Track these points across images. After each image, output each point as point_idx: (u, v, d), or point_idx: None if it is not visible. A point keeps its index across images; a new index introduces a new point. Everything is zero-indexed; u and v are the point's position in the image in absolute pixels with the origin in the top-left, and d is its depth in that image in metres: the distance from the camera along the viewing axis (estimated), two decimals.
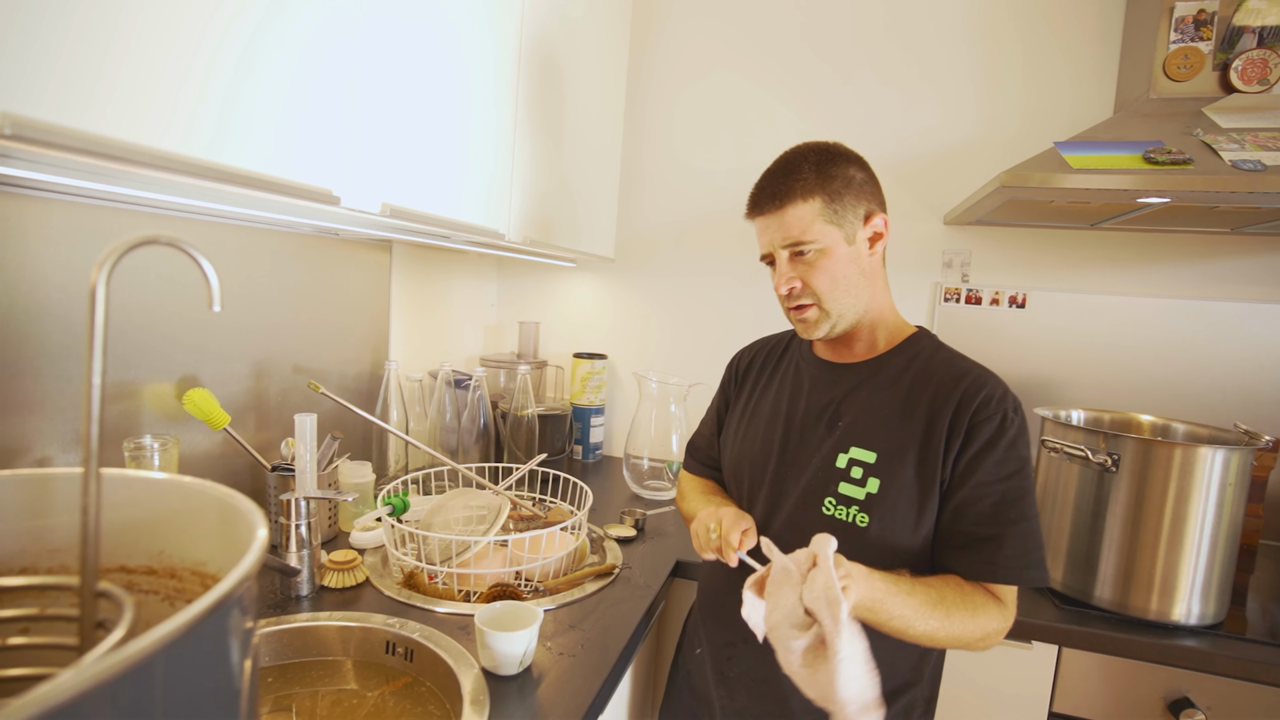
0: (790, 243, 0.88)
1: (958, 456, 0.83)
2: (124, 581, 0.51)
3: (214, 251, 1.14)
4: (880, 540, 0.85)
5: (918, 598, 0.78)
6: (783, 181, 0.88)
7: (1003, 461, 0.82)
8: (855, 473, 0.87)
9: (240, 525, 0.46)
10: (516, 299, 2.11)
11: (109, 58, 0.55)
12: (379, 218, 0.94)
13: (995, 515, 0.82)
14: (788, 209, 0.87)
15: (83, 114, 0.53)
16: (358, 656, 0.93)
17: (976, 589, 0.82)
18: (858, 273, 0.89)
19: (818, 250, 0.87)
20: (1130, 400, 1.63)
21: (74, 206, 0.92)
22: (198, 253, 0.44)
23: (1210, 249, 1.60)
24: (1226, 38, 1.35)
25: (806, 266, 0.88)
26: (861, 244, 0.90)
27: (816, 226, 0.86)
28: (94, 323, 0.40)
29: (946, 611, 0.78)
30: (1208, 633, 1.13)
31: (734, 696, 0.94)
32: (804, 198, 0.86)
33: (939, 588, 0.80)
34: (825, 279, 0.88)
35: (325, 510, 1.24)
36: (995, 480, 0.82)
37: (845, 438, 0.89)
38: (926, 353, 0.92)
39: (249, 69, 0.69)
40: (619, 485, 1.71)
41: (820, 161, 0.88)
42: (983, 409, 0.83)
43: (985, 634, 0.80)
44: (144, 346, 1.04)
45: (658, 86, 1.92)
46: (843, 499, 0.87)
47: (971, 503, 0.83)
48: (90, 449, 0.41)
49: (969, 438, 0.83)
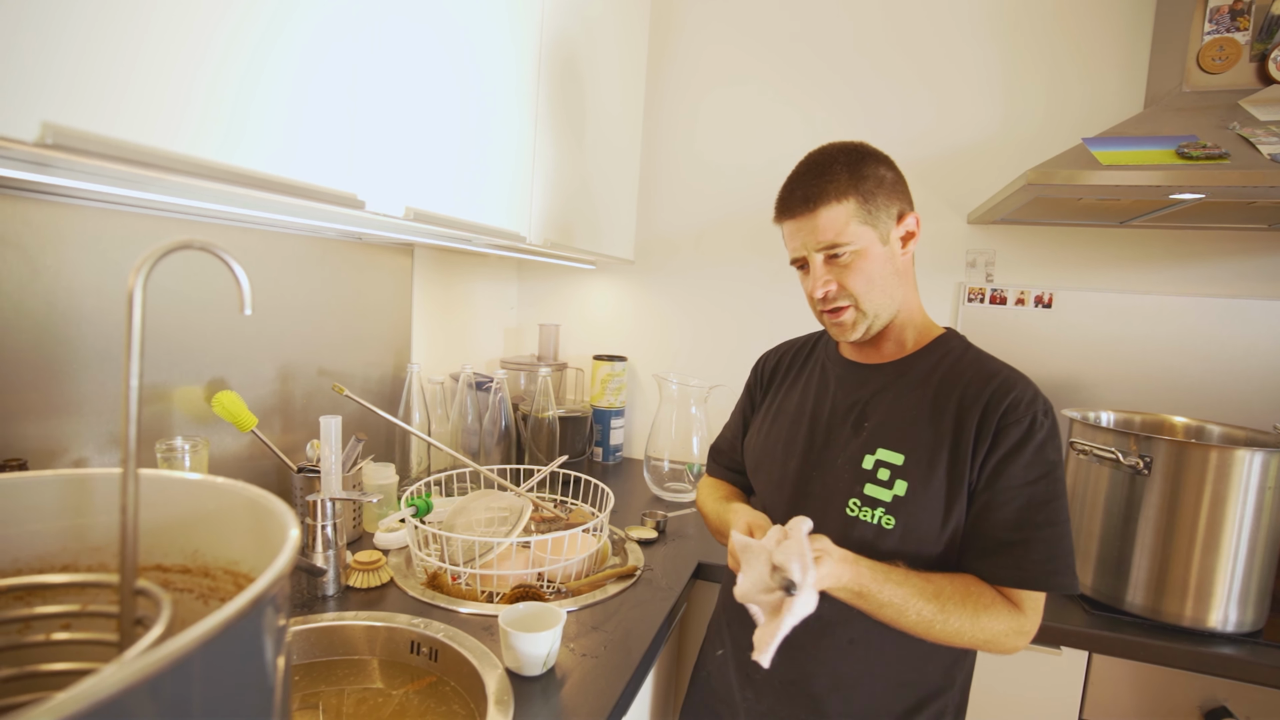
0: (825, 245, 0.86)
1: (985, 459, 0.82)
2: (160, 580, 0.52)
3: (239, 256, 1.14)
4: (905, 543, 0.84)
5: (909, 588, 0.78)
6: (814, 183, 0.86)
7: (1030, 464, 0.81)
8: (882, 474, 0.86)
9: (272, 525, 0.46)
10: (536, 301, 2.12)
11: (153, 67, 0.57)
12: (402, 221, 0.95)
13: (1022, 520, 0.80)
14: (820, 211, 0.85)
15: (126, 124, 0.55)
16: (383, 656, 0.94)
17: (986, 589, 0.81)
18: (892, 272, 0.88)
19: (854, 252, 0.86)
20: (1162, 402, 1.59)
21: (106, 213, 0.94)
22: (230, 257, 0.45)
23: (1246, 246, 1.56)
24: (1265, 27, 1.32)
25: (842, 269, 0.87)
26: (895, 244, 0.88)
27: (851, 228, 0.85)
28: (131, 326, 0.40)
29: (942, 605, 0.78)
30: (1246, 640, 1.10)
31: (760, 698, 0.94)
32: (838, 199, 0.85)
33: (938, 582, 0.80)
34: (862, 280, 0.87)
35: (350, 511, 1.25)
36: (1022, 484, 0.81)
37: (872, 439, 0.88)
38: (955, 354, 0.91)
39: (282, 80, 0.70)
40: (639, 487, 1.71)
41: (852, 162, 0.86)
42: (1011, 411, 0.82)
43: (991, 635, 0.79)
44: (173, 350, 1.06)
45: (676, 90, 1.92)
46: (868, 500, 0.86)
47: (998, 507, 0.81)
48: (129, 450, 0.42)
49: (996, 440, 0.82)
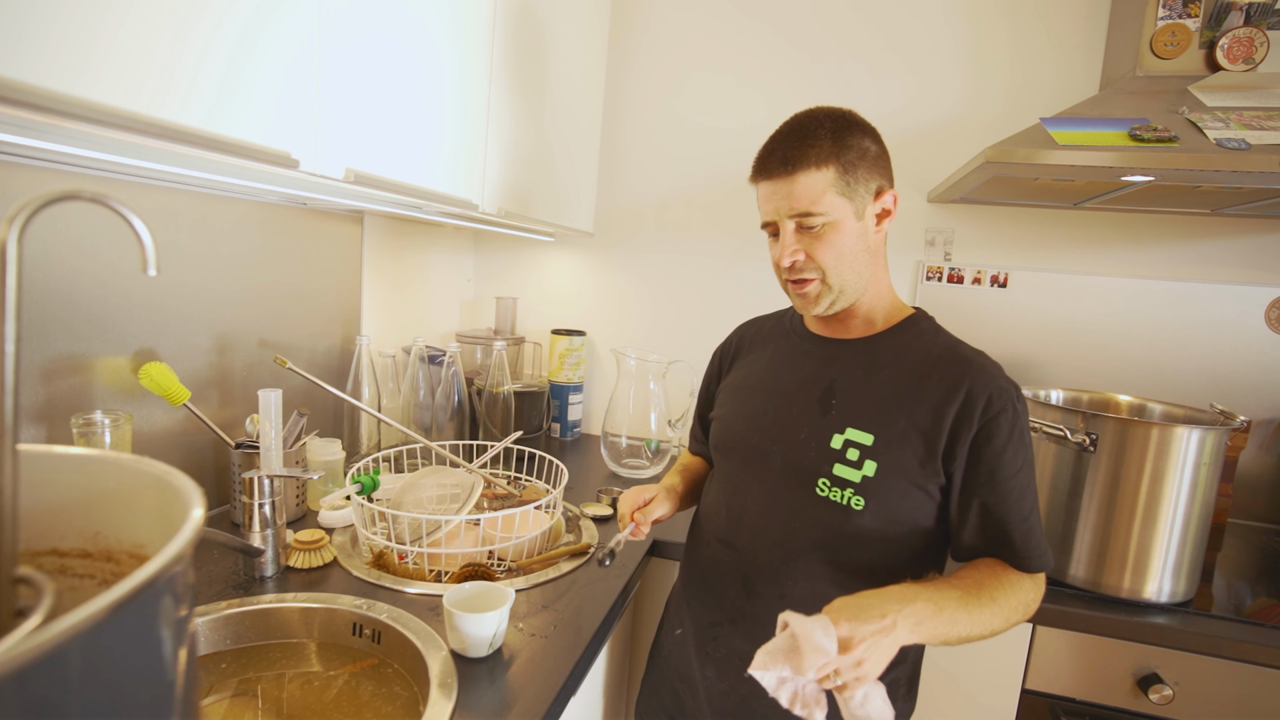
0: (799, 213, 0.83)
1: (973, 451, 0.82)
2: (56, 565, 0.48)
3: (171, 218, 1.08)
4: (874, 524, 0.84)
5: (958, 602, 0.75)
6: (796, 146, 0.82)
7: (1015, 451, 0.82)
8: (851, 454, 0.84)
9: (179, 505, 0.42)
10: (494, 274, 2.06)
11: (63, 16, 0.51)
12: (343, 184, 0.90)
13: (1014, 507, 0.82)
14: (799, 176, 0.82)
15: (32, 65, 0.49)
16: (322, 639, 0.90)
17: (1008, 570, 0.83)
18: (864, 249, 0.86)
19: (827, 223, 0.83)
20: (1109, 381, 1.64)
21: (10, 168, 0.86)
22: (126, 210, 0.41)
23: (1190, 230, 1.60)
24: (1214, 15, 1.34)
25: (813, 239, 0.84)
26: (870, 220, 0.86)
27: (828, 198, 0.82)
28: (4, 284, 0.36)
29: (993, 596, 0.78)
30: (1178, 610, 1.14)
31: (721, 676, 0.93)
32: (818, 165, 0.82)
33: (973, 577, 0.81)
34: (832, 253, 0.84)
35: (292, 489, 1.20)
36: (1010, 470, 0.82)
37: (841, 418, 0.87)
38: (927, 336, 0.90)
39: (212, 30, 0.64)
40: (597, 464, 1.69)
41: (837, 129, 0.83)
42: (992, 397, 0.81)
43: (1028, 607, 0.82)
44: (97, 318, 0.99)
45: (639, 60, 1.87)
46: (837, 481, 0.85)
47: (1007, 500, 0.82)
48: (4, 423, 0.37)
49: (979, 425, 0.81)
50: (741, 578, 0.91)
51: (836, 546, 0.85)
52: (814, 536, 0.86)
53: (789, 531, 0.88)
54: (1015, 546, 0.82)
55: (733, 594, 0.92)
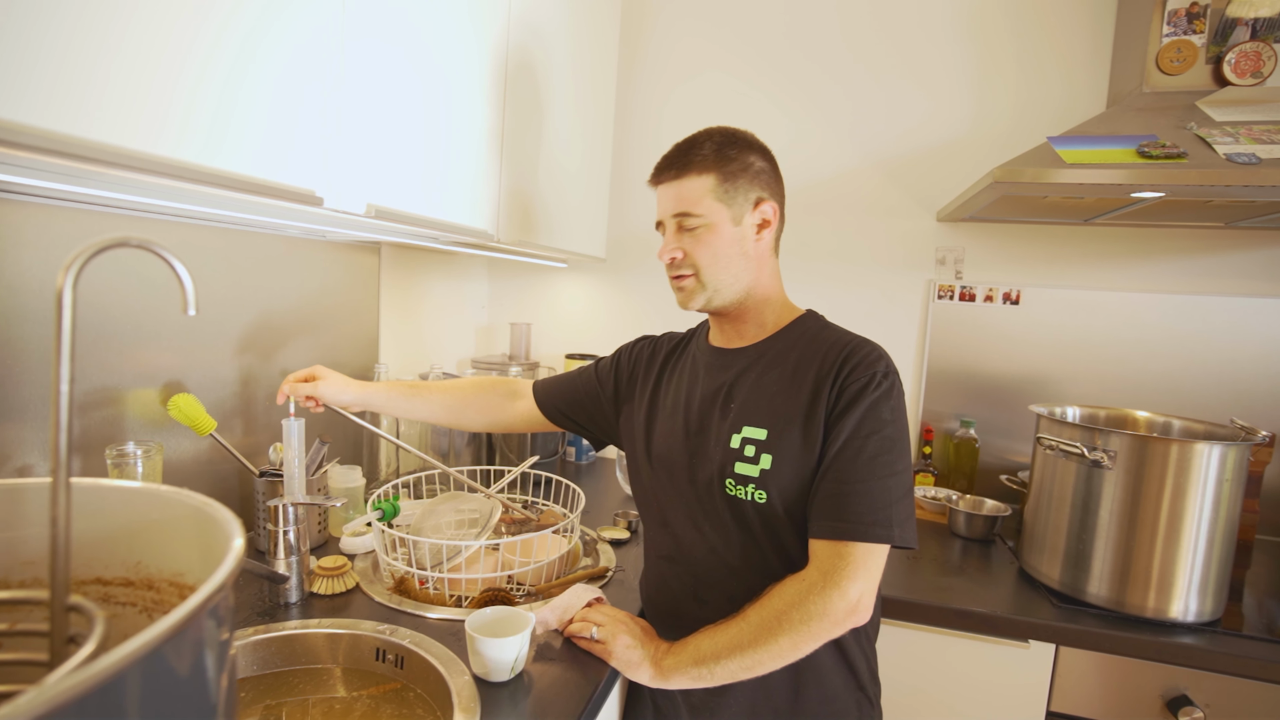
0: (679, 213, 0.91)
1: (828, 417, 0.85)
2: (100, 594, 0.49)
3: (198, 255, 1.12)
4: (780, 513, 0.86)
5: (723, 638, 0.82)
6: (684, 155, 0.91)
7: (863, 420, 0.83)
8: (749, 451, 0.88)
9: (218, 535, 0.44)
10: (508, 300, 2.09)
11: (99, 63, 0.55)
12: (364, 219, 0.93)
13: (846, 472, 0.82)
14: (684, 180, 0.90)
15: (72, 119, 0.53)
16: (347, 664, 0.91)
17: (782, 589, 0.83)
18: (739, 254, 0.92)
19: (704, 225, 0.90)
20: (1126, 397, 1.63)
21: (51, 210, 0.90)
22: (170, 255, 0.43)
23: (1204, 244, 1.60)
24: (1220, 30, 1.35)
25: (692, 239, 0.91)
26: (748, 227, 0.92)
27: (706, 202, 0.89)
28: (60, 327, 0.38)
29: (759, 632, 0.80)
30: (1205, 630, 1.12)
31: (691, 689, 0.94)
32: (699, 172, 0.90)
33: (744, 617, 0.83)
34: (707, 253, 0.91)
35: (314, 516, 1.22)
36: (853, 437, 0.83)
37: (738, 418, 0.91)
38: (812, 331, 0.94)
39: (233, 70, 0.67)
40: (613, 487, 1.70)
41: (722, 143, 0.91)
42: (853, 371, 0.85)
43: (809, 617, 0.79)
44: (128, 352, 1.02)
45: (648, 86, 1.91)
46: (740, 479, 0.88)
47: (827, 460, 0.84)
48: (59, 458, 0.39)
49: (838, 398, 0.85)
50: (689, 590, 0.95)
51: (758, 542, 0.89)
52: (738, 536, 0.90)
53: (718, 536, 0.91)
54: (836, 508, 0.81)
55: (686, 606, 0.95)
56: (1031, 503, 1.30)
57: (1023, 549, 1.32)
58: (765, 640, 0.80)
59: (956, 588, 1.24)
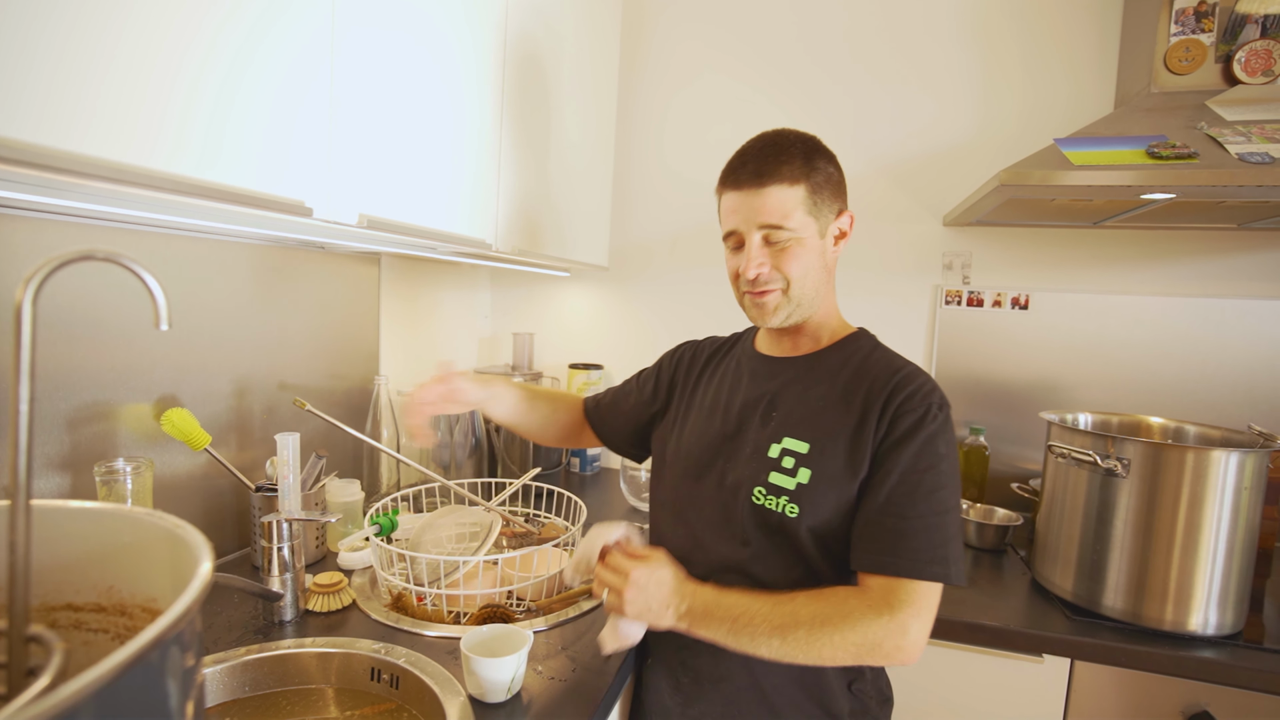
0: (768, 225, 0.85)
1: (878, 447, 0.82)
2: (72, 620, 0.48)
3: (191, 266, 1.11)
4: (811, 530, 0.84)
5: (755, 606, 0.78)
6: (769, 161, 0.85)
7: (919, 454, 0.80)
8: (787, 463, 0.86)
9: (188, 559, 0.42)
10: (510, 310, 2.08)
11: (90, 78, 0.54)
12: (358, 229, 0.91)
13: (903, 507, 0.79)
14: (771, 189, 0.84)
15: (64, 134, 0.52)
16: (340, 684, 0.89)
17: (849, 598, 0.79)
18: (822, 267, 0.89)
19: (794, 239, 0.86)
20: (1139, 402, 1.59)
21: (40, 223, 0.89)
22: (139, 267, 0.41)
23: (1217, 245, 1.57)
24: (1229, 29, 1.33)
25: (779, 253, 0.86)
26: (829, 240, 0.89)
27: (798, 215, 0.85)
28: (20, 344, 0.37)
29: (798, 623, 0.76)
30: (1226, 643, 1.08)
31: (690, 703, 0.92)
32: (790, 182, 0.84)
33: (795, 601, 0.79)
34: (797, 267, 0.87)
35: (312, 531, 1.20)
36: (908, 471, 0.80)
37: (779, 428, 0.88)
38: (864, 350, 0.92)
39: (224, 78, 0.66)
40: (617, 498, 1.67)
41: (808, 151, 0.87)
42: (908, 400, 0.82)
43: (865, 642, 0.76)
44: (121, 366, 1.01)
45: (649, 92, 1.89)
46: (773, 489, 0.86)
47: (880, 492, 0.81)
48: (19, 481, 0.38)
49: (890, 428, 0.82)
50: None
51: (778, 555, 0.86)
52: (758, 547, 0.87)
53: (737, 542, 0.88)
54: (889, 542, 0.78)
55: None
56: (1043, 512, 1.26)
57: (1035, 559, 1.29)
58: (809, 640, 0.76)
59: (967, 600, 1.21)
